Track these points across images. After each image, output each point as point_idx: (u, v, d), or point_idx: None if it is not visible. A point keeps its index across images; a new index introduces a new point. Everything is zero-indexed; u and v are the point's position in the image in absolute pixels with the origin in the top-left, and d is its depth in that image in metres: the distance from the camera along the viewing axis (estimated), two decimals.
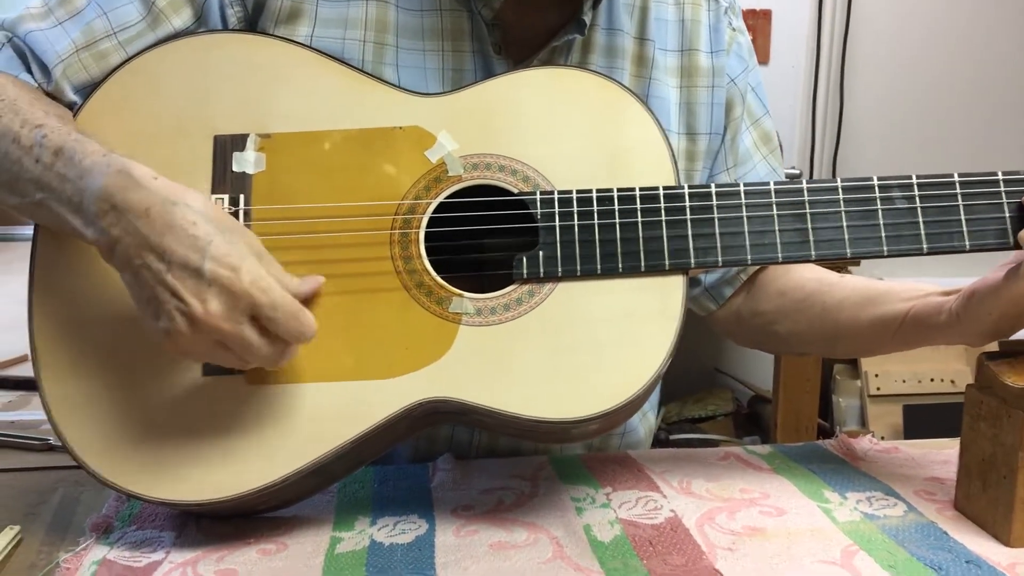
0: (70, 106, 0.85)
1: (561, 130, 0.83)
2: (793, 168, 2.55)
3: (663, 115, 0.97)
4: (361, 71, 0.85)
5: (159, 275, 0.70)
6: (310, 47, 0.86)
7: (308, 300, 0.76)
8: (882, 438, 1.02)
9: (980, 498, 0.80)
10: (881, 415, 2.31)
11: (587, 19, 0.91)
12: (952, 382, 2.30)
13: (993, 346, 0.84)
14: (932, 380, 2.31)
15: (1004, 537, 0.77)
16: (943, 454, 0.97)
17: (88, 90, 0.84)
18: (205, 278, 0.69)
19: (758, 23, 2.57)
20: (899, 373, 2.32)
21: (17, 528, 0.80)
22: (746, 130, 1.05)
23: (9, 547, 0.77)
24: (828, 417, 2.41)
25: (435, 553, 0.76)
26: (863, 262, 2.15)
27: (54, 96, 0.85)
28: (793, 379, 2.20)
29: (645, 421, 1.09)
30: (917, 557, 0.75)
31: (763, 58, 2.55)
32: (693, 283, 1.07)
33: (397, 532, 0.80)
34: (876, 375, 2.31)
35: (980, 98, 2.65)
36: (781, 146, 1.73)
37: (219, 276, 0.69)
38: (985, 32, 2.64)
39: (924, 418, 2.26)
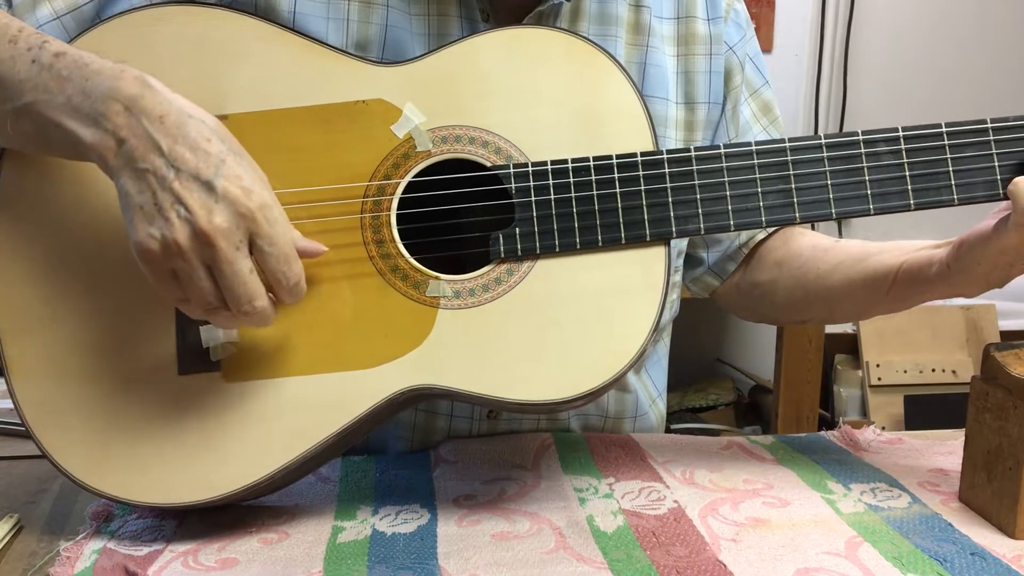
0: None
1: (530, 95, 0.80)
2: None
3: (661, 84, 0.96)
4: (320, 43, 0.81)
5: (165, 181, 0.68)
6: (266, 19, 0.81)
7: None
8: (883, 428, 1.02)
9: (985, 490, 0.80)
10: (882, 405, 2.31)
11: None
12: (953, 372, 2.30)
13: (996, 336, 0.83)
14: (933, 370, 2.31)
15: (1009, 529, 0.77)
16: (947, 445, 0.97)
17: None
18: (216, 192, 0.68)
19: (762, 11, 2.55)
20: (900, 363, 2.31)
21: (17, 516, 0.80)
22: (744, 101, 1.04)
23: (9, 536, 0.77)
24: (829, 407, 2.41)
25: (437, 543, 0.76)
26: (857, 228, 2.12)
27: None
28: (794, 369, 2.19)
29: (655, 408, 1.08)
30: (922, 549, 0.74)
31: (766, 46, 2.54)
32: (695, 263, 1.06)
33: (399, 521, 0.80)
34: (877, 365, 2.30)
35: (986, 86, 2.63)
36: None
37: (229, 192, 0.68)
38: (990, 19, 2.63)
39: (925, 408, 2.26)
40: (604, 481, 0.87)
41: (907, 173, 0.79)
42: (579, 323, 0.77)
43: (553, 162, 0.79)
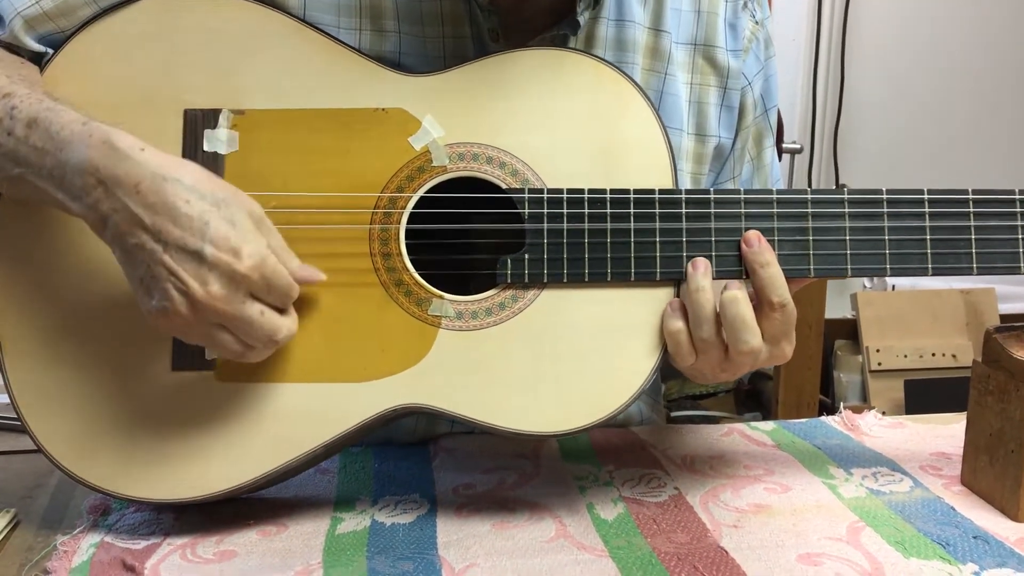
0: (35, 57, 0.80)
1: (554, 119, 0.78)
2: (794, 143, 2.53)
3: (676, 114, 0.93)
4: (344, 44, 0.80)
5: (155, 255, 0.67)
6: (289, 14, 0.80)
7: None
8: (883, 413, 1.01)
9: (987, 473, 0.79)
10: (882, 390, 2.31)
11: (581, 20, 0.86)
12: (953, 356, 2.29)
13: (996, 320, 0.82)
14: (933, 355, 2.30)
15: (1012, 512, 0.76)
16: (948, 429, 0.97)
17: (54, 41, 0.79)
18: (206, 261, 0.67)
19: None
20: (900, 348, 2.31)
21: (13, 511, 0.79)
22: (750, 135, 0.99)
23: (6, 530, 0.77)
24: (829, 393, 2.41)
25: (437, 533, 0.75)
26: None
27: (13, 46, 0.80)
28: (794, 355, 2.18)
29: (656, 409, 1.08)
30: (924, 533, 0.74)
31: None
32: None
33: (398, 512, 0.79)
34: (877, 350, 2.30)
35: (982, 72, 2.62)
36: (782, 122, 1.66)
37: (220, 260, 0.68)
38: (985, 6, 2.62)
39: (925, 393, 2.25)
40: (604, 469, 0.87)
41: (928, 237, 0.76)
42: (579, 358, 0.76)
43: (569, 190, 0.77)
